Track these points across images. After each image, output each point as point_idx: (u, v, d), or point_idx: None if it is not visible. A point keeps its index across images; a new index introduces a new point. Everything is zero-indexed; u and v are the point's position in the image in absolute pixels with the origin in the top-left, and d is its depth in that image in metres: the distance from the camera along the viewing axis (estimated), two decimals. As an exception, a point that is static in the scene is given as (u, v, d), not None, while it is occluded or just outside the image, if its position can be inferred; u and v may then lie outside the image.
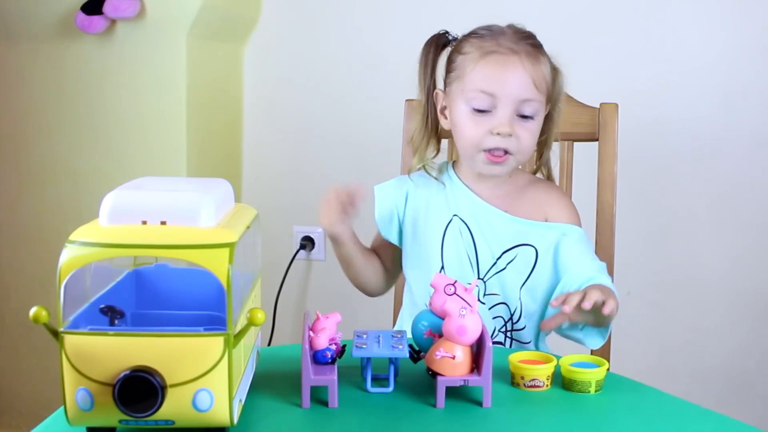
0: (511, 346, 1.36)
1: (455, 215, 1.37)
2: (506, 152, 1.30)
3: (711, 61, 2.06)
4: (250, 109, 2.35)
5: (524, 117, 1.30)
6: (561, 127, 1.53)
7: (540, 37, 1.37)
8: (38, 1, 2.09)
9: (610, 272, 1.54)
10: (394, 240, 1.44)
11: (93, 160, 2.16)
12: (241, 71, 2.33)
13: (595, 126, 1.55)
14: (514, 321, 1.36)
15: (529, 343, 1.37)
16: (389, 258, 1.47)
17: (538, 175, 1.45)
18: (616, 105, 1.55)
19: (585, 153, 1.60)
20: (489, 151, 1.30)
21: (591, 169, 1.55)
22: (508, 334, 1.36)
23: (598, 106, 1.55)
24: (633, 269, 2.08)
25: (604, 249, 1.54)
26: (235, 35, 2.28)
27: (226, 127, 2.30)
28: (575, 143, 1.56)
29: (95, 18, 2.02)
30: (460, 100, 1.32)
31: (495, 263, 1.34)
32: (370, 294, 1.49)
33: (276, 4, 2.29)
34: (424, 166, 1.40)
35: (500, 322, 1.35)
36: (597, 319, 1.21)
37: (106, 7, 1.99)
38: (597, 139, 1.55)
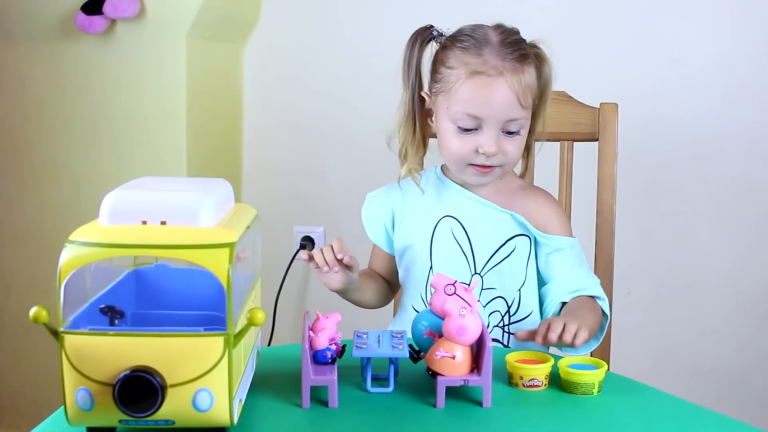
0: (508, 341, 1.36)
1: (446, 215, 1.37)
2: (494, 166, 1.31)
3: (711, 61, 2.06)
4: (250, 109, 2.35)
5: (510, 133, 1.30)
6: (561, 127, 1.54)
7: (545, 41, 1.36)
8: (38, 1, 2.09)
9: (610, 272, 1.55)
10: (384, 246, 1.46)
11: (93, 160, 2.16)
12: (241, 71, 2.33)
13: (595, 126, 1.55)
14: (512, 314, 1.36)
15: None
16: (387, 269, 1.47)
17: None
18: (616, 105, 1.55)
19: (585, 153, 1.60)
20: (476, 165, 1.31)
21: (591, 169, 1.56)
22: (506, 328, 1.36)
23: (598, 106, 1.55)
24: (633, 269, 2.08)
25: (604, 249, 1.55)
26: (235, 35, 2.28)
27: (226, 128, 2.30)
28: (575, 143, 1.57)
29: (95, 18, 2.02)
30: (446, 116, 1.31)
31: (492, 257, 1.35)
32: (373, 308, 1.50)
33: (276, 4, 2.29)
34: (410, 171, 1.39)
35: (497, 318, 1.36)
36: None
37: (106, 7, 1.99)
38: (597, 139, 1.55)
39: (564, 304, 1.33)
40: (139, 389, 0.80)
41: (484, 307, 1.35)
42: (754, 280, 2.08)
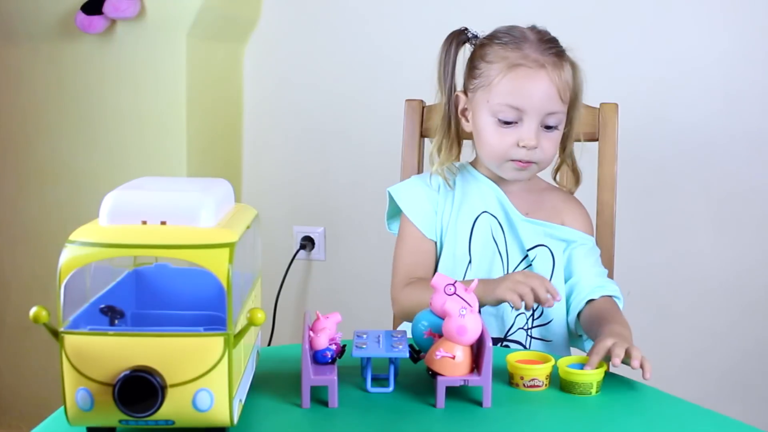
0: (530, 344, 1.36)
1: (485, 211, 1.38)
2: (531, 161, 1.33)
3: (711, 61, 2.05)
4: (250, 109, 2.35)
5: (548, 128, 1.32)
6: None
7: (572, 49, 1.37)
8: (38, 1, 2.09)
9: (610, 272, 1.54)
10: (437, 237, 1.40)
11: (93, 160, 2.16)
12: (241, 71, 2.33)
13: (595, 126, 1.55)
14: (535, 317, 1.36)
15: (551, 341, 1.36)
16: (432, 268, 1.41)
17: (564, 168, 1.46)
18: (616, 105, 1.55)
19: (585, 153, 1.60)
20: (514, 160, 1.33)
21: (591, 169, 1.55)
22: (529, 332, 1.36)
23: (598, 106, 1.55)
24: (633, 269, 2.08)
25: (604, 249, 1.54)
26: (235, 35, 2.28)
27: (226, 127, 2.30)
28: (575, 143, 1.56)
29: (95, 18, 2.02)
30: (485, 110, 1.33)
31: (523, 259, 1.36)
32: None
33: (276, 4, 2.29)
34: (444, 171, 1.39)
35: (523, 320, 1.36)
36: None
37: (106, 7, 1.99)
38: (597, 139, 1.55)
39: (589, 301, 1.31)
40: (139, 389, 0.80)
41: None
42: (754, 280, 2.08)
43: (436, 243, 1.39)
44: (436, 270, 1.40)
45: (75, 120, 2.16)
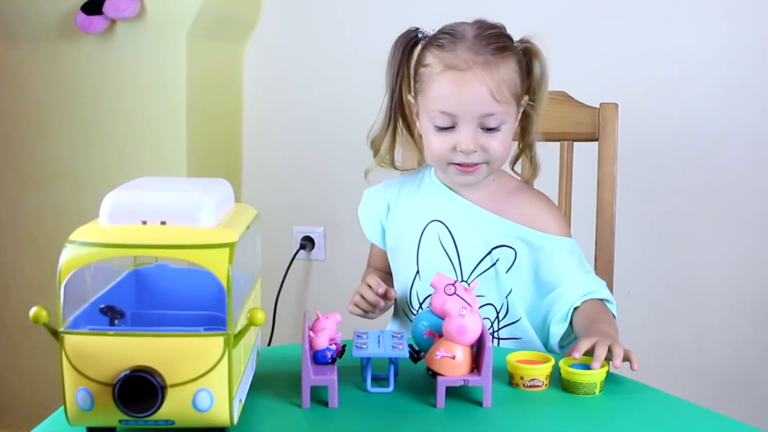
0: (499, 345, 1.35)
1: (434, 220, 1.35)
2: (476, 163, 1.29)
3: (711, 60, 2.06)
4: (250, 109, 2.35)
5: (490, 129, 1.27)
6: (561, 127, 1.54)
7: (539, 37, 1.35)
8: (38, 1, 2.09)
9: (610, 272, 1.55)
10: (380, 244, 1.45)
11: (93, 160, 2.16)
12: (241, 71, 2.33)
13: (595, 126, 1.55)
14: (500, 319, 1.35)
15: (521, 338, 1.35)
16: (389, 266, 1.47)
17: (523, 159, 1.41)
18: (616, 105, 1.55)
19: (585, 153, 1.60)
20: (457, 164, 1.29)
21: (591, 169, 1.55)
22: (495, 334, 1.35)
23: (598, 106, 1.55)
24: (633, 269, 2.08)
25: (604, 249, 1.55)
26: (235, 35, 2.28)
27: (226, 127, 2.31)
28: (575, 143, 1.57)
29: (95, 18, 2.02)
30: (425, 115, 1.30)
31: (478, 265, 1.33)
32: None
33: (276, 4, 2.29)
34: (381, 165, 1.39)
35: (487, 324, 1.34)
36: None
37: (106, 7, 2.00)
38: (597, 139, 1.55)
39: (575, 309, 1.28)
40: (139, 389, 0.80)
41: None
42: (754, 280, 2.08)
43: (383, 248, 1.46)
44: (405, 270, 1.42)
45: (75, 120, 2.16)
